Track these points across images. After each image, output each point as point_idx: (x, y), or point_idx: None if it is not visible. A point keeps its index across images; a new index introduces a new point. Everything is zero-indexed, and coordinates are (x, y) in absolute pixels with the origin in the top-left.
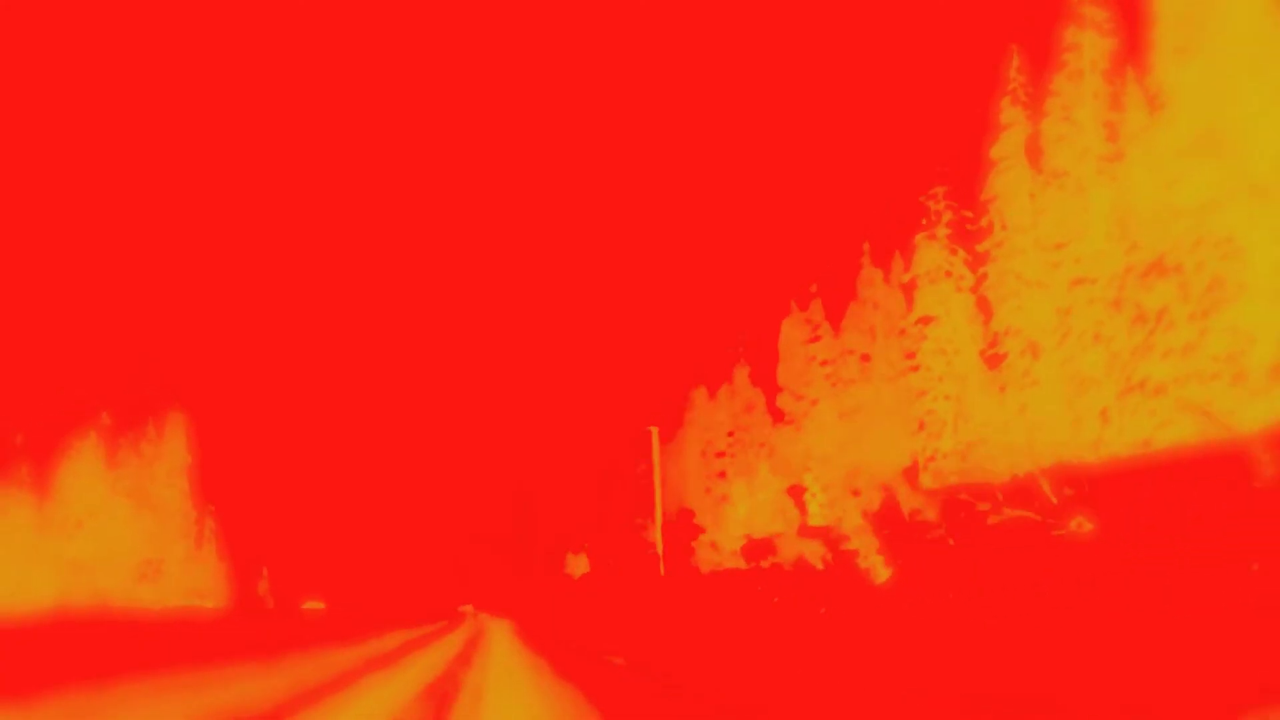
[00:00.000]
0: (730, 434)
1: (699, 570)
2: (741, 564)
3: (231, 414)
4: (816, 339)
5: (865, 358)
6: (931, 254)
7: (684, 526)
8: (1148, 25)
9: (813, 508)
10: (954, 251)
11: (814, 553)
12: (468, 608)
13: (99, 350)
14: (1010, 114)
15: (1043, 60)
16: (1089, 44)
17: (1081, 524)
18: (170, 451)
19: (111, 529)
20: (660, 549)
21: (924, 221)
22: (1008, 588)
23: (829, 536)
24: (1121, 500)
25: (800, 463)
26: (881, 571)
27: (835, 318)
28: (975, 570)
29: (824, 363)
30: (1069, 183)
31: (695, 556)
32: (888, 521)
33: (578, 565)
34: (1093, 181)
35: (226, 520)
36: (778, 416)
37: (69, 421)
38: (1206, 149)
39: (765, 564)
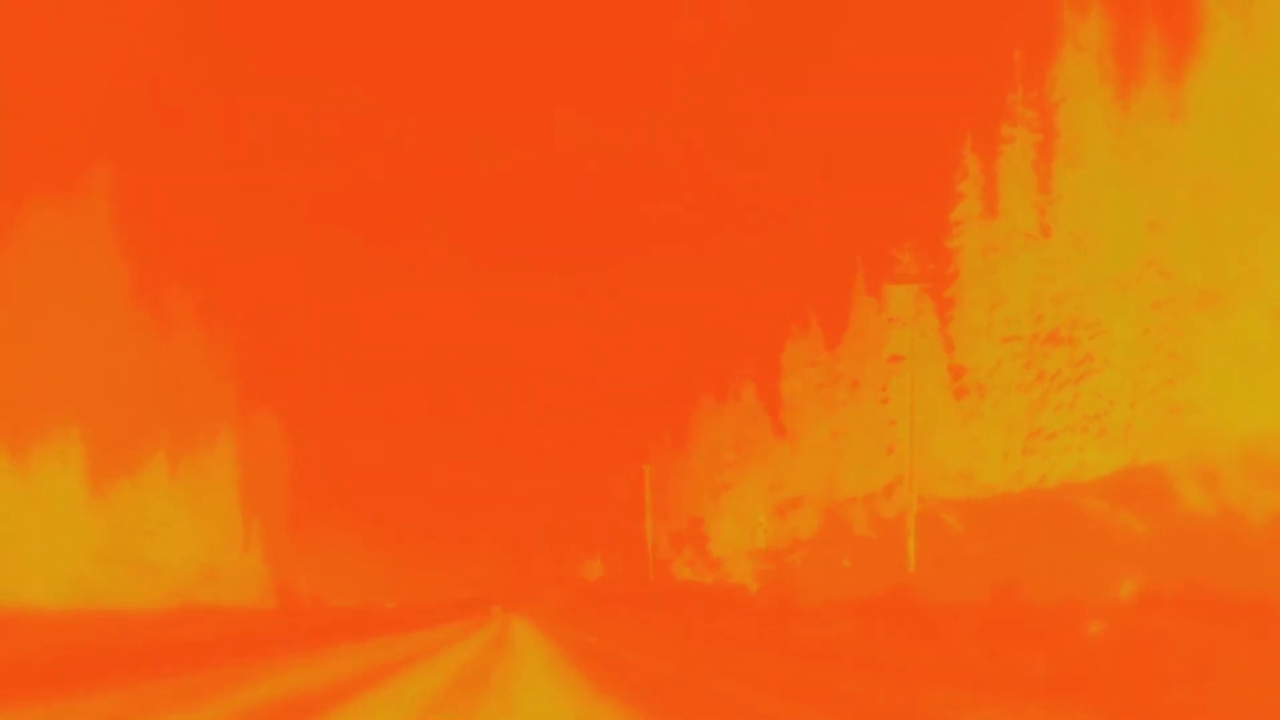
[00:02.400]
0: (735, 447)
1: (674, 579)
2: (713, 575)
3: (276, 428)
4: (814, 363)
5: (855, 383)
6: (900, 300)
7: (694, 536)
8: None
9: (758, 532)
10: (921, 298)
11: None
12: (496, 608)
13: (161, 374)
14: (965, 185)
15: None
16: (1021, 138)
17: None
18: (223, 463)
19: (177, 536)
20: (651, 559)
21: (895, 271)
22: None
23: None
24: None
25: (797, 478)
26: (752, 585)
27: (835, 341)
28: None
29: (819, 385)
30: (1000, 255)
31: (673, 568)
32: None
33: (593, 569)
34: (1019, 255)
35: (271, 525)
36: (780, 431)
37: (138, 439)
38: (1085, 245)
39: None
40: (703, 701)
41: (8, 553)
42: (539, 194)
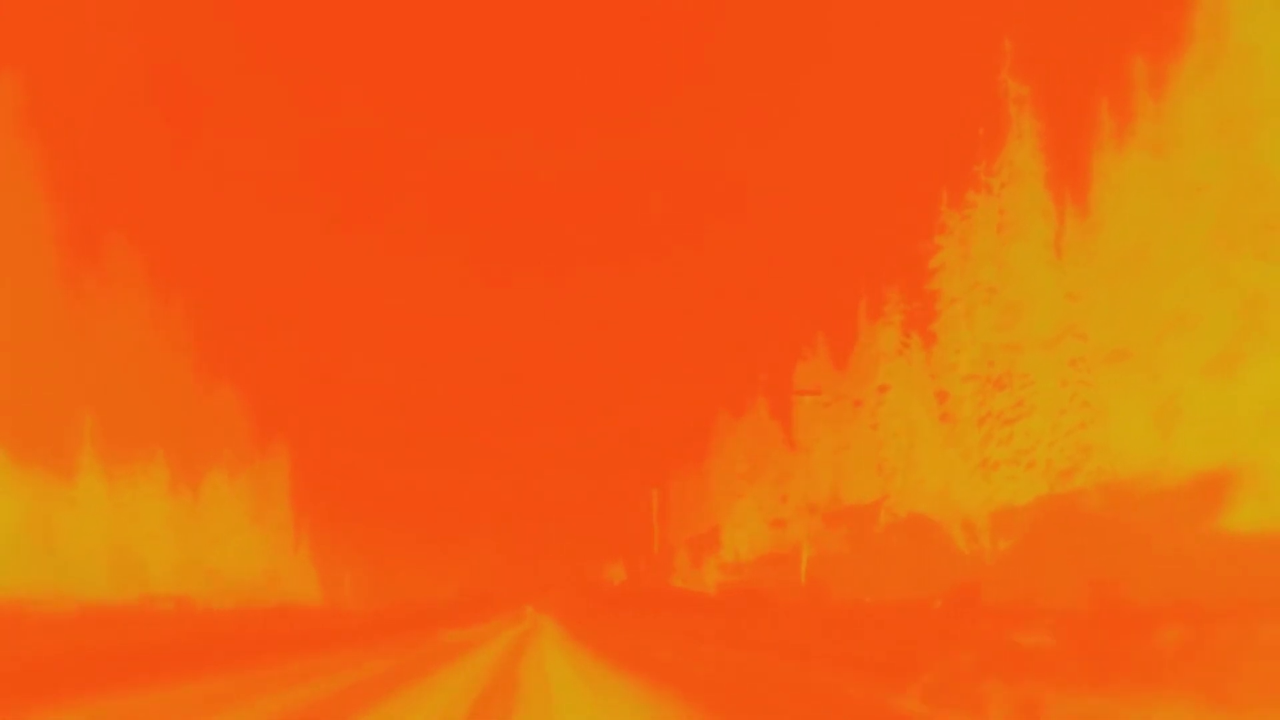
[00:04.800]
0: (749, 459)
1: (671, 585)
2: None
3: (325, 444)
4: (820, 387)
5: (858, 403)
6: (887, 336)
7: (710, 543)
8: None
9: (741, 546)
10: (907, 335)
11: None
12: (529, 609)
13: (221, 398)
14: (941, 239)
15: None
16: (983, 203)
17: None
18: (276, 476)
19: (241, 542)
20: (655, 568)
21: (884, 310)
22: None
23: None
24: None
25: (803, 489)
26: (712, 589)
27: (841, 364)
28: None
29: (825, 405)
30: (964, 304)
31: (672, 575)
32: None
33: (616, 573)
34: (980, 307)
35: (319, 532)
36: (792, 445)
37: (206, 457)
38: (1020, 308)
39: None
40: (647, 665)
41: (102, 559)
42: (567, 210)
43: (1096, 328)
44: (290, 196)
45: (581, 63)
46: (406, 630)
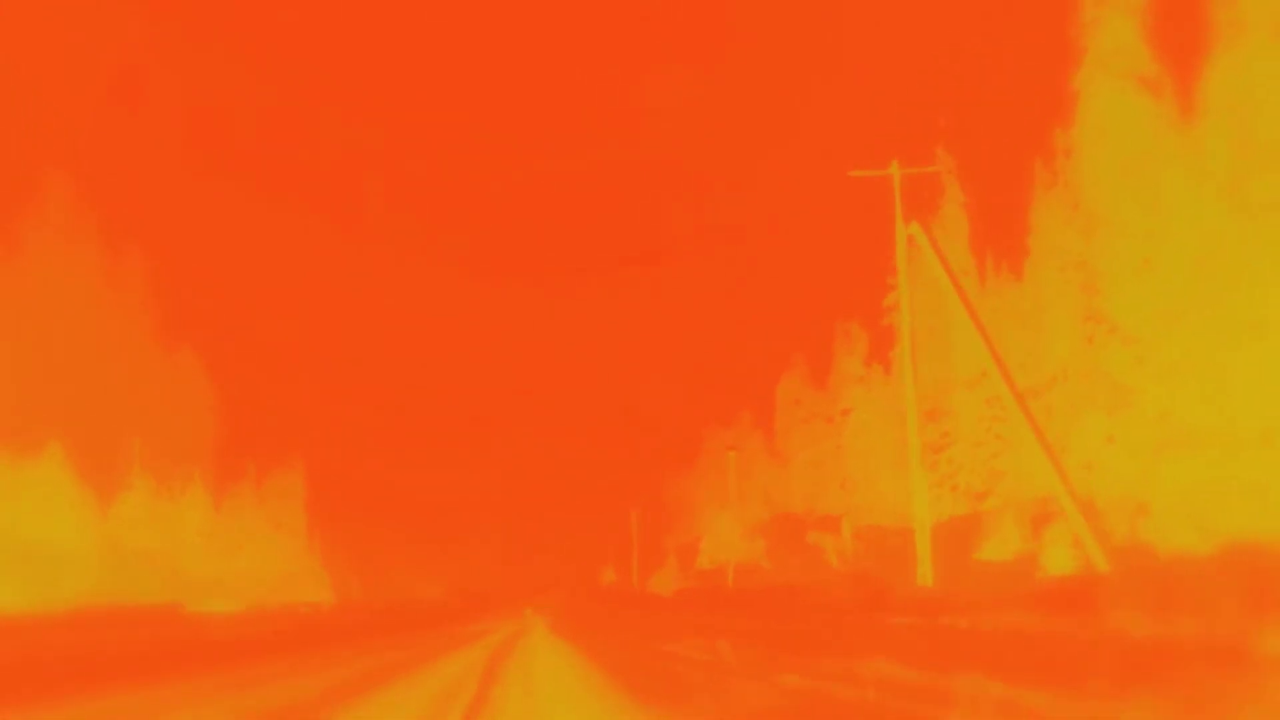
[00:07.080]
0: (735, 472)
1: (645, 589)
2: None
3: (335, 455)
4: (800, 401)
5: (829, 419)
6: (850, 365)
7: (692, 551)
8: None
9: (704, 558)
10: (869, 364)
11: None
12: (529, 610)
13: (241, 413)
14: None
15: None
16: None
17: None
18: (294, 486)
19: (261, 547)
20: (636, 574)
21: (851, 339)
22: None
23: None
24: None
25: (785, 500)
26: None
27: (819, 383)
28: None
29: (802, 421)
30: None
31: (650, 580)
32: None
33: (608, 575)
34: (924, 344)
35: (331, 535)
36: (775, 458)
37: (229, 469)
38: (949, 353)
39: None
40: (602, 642)
41: (149, 566)
42: (575, 220)
43: (1010, 370)
44: (293, 204)
45: (578, 81)
46: (414, 628)
